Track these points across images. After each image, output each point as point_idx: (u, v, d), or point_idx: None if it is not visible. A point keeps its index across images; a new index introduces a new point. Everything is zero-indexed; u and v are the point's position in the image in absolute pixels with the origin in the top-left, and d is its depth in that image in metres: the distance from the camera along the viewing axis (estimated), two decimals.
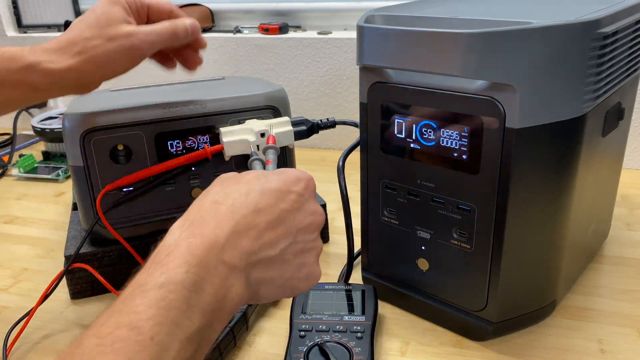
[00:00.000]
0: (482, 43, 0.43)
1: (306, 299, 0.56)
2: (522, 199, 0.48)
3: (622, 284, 0.64)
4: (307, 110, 1.11)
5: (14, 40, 1.27)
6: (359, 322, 0.53)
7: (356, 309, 0.55)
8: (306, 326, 0.52)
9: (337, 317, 0.54)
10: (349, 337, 0.51)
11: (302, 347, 0.50)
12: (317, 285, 0.52)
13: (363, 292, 0.57)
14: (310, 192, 0.42)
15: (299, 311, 0.55)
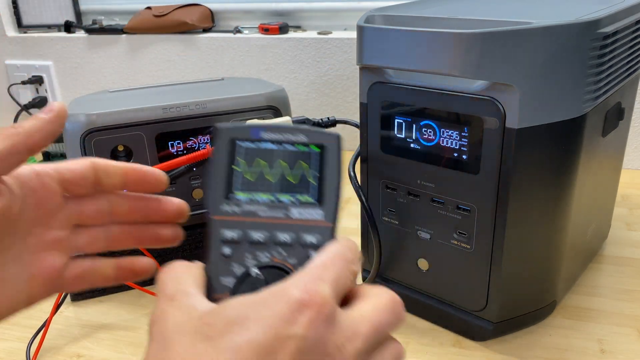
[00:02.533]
0: (482, 43, 0.43)
1: (231, 159, 0.34)
2: (522, 199, 0.48)
3: (622, 284, 0.64)
4: (307, 110, 1.11)
5: (14, 40, 1.27)
6: (313, 223, 0.33)
7: (309, 190, 0.34)
8: (234, 234, 0.33)
9: (280, 210, 0.33)
10: (297, 256, 0.32)
11: (228, 279, 0.32)
12: (249, 132, 0.34)
13: (322, 152, 0.35)
14: (325, 322, 0.25)
15: (220, 190, 0.34)
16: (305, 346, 0.25)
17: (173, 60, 1.17)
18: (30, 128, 0.32)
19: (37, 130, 0.32)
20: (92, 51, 1.22)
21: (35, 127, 0.32)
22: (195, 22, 1.13)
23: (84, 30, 1.22)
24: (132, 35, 1.18)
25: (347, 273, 0.29)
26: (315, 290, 0.26)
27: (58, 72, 1.27)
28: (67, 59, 1.24)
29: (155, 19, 1.15)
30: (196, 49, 1.14)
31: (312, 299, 0.25)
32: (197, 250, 0.68)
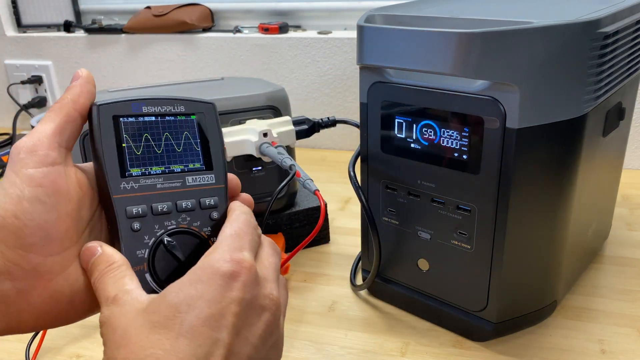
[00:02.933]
0: (482, 43, 0.43)
1: (118, 137, 0.34)
2: (523, 199, 0.48)
3: (622, 284, 0.64)
4: (307, 110, 1.11)
5: (14, 40, 1.27)
6: (208, 186, 0.36)
7: (197, 157, 0.36)
8: (138, 209, 0.34)
9: (176, 180, 0.35)
10: (201, 218, 0.35)
11: (142, 250, 0.34)
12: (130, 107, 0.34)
13: (200, 119, 0.37)
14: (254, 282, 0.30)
15: (116, 170, 0.34)
16: (244, 305, 0.29)
17: (173, 60, 1.16)
18: (73, 95, 0.33)
19: (79, 94, 0.33)
20: (92, 51, 1.22)
21: (77, 92, 0.33)
22: (195, 21, 1.13)
23: (83, 30, 1.22)
24: (131, 35, 1.18)
25: (256, 236, 0.33)
26: (240, 258, 0.30)
27: (57, 71, 1.27)
28: (67, 59, 1.24)
29: (154, 19, 1.14)
30: (196, 48, 1.14)
31: (241, 266, 0.30)
32: None
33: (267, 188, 0.69)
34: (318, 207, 0.73)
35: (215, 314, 0.28)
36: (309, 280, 0.68)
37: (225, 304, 0.29)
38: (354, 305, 0.63)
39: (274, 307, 0.31)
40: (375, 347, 0.56)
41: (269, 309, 0.31)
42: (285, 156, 0.58)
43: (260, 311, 0.30)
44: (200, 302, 0.28)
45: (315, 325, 0.60)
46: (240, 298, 0.29)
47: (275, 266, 0.33)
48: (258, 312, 0.30)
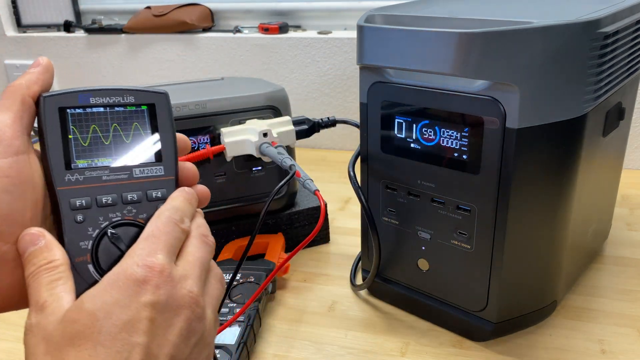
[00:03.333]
0: (482, 43, 0.43)
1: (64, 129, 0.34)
2: (523, 199, 0.48)
3: (622, 284, 0.64)
4: (307, 110, 1.11)
5: (14, 40, 1.27)
6: (156, 178, 0.35)
7: (148, 149, 0.35)
8: (82, 201, 0.33)
9: (122, 172, 0.35)
10: (147, 210, 0.35)
11: (85, 242, 0.33)
12: (77, 98, 0.34)
13: (151, 110, 0.35)
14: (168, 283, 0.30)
15: (60, 162, 0.33)
16: (159, 308, 0.30)
17: (173, 60, 1.16)
18: (28, 81, 0.33)
19: (35, 81, 0.33)
20: (92, 51, 1.22)
21: (33, 79, 0.33)
22: (195, 21, 1.13)
23: (83, 30, 1.22)
24: (131, 35, 1.18)
25: (177, 233, 0.33)
26: (151, 262, 0.30)
27: (58, 72, 1.26)
28: (67, 59, 1.24)
29: (154, 19, 1.14)
30: (196, 48, 1.14)
31: (152, 270, 0.30)
32: None
33: (267, 188, 0.69)
34: (318, 207, 0.73)
35: (130, 319, 0.29)
36: (309, 280, 0.68)
37: (140, 309, 0.29)
38: (354, 305, 0.63)
39: (193, 304, 0.31)
40: (375, 347, 0.56)
41: (187, 307, 0.31)
42: (285, 156, 0.58)
43: (178, 310, 0.31)
44: (116, 309, 0.29)
45: (315, 325, 0.60)
46: (154, 301, 0.29)
47: (202, 261, 0.33)
48: (176, 312, 0.30)
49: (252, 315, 0.56)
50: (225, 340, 0.53)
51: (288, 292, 0.66)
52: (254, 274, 0.62)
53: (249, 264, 0.64)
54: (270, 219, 0.71)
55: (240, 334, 0.53)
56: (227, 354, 0.51)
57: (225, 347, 0.52)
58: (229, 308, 0.57)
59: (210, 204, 0.66)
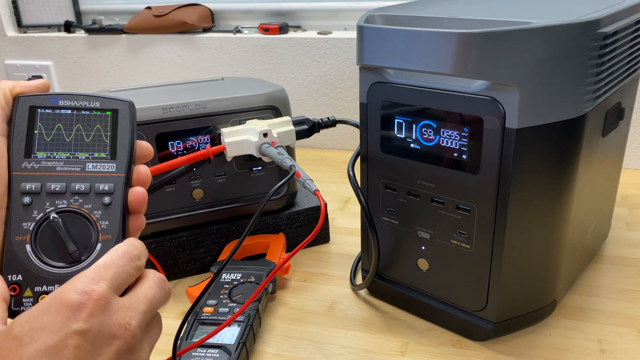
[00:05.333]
0: (482, 43, 0.43)
1: (31, 124, 0.38)
2: (522, 199, 0.48)
3: (622, 284, 0.64)
4: (307, 110, 1.11)
5: (14, 40, 1.27)
6: (107, 174, 0.38)
7: (104, 147, 0.39)
8: (32, 185, 0.37)
9: (76, 165, 0.38)
10: (93, 202, 0.37)
11: (28, 223, 0.36)
12: (48, 100, 0.38)
13: (114, 115, 0.40)
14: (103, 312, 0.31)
15: (21, 151, 0.37)
16: (90, 336, 0.30)
17: (173, 60, 1.17)
18: (19, 84, 0.38)
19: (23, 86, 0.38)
20: (92, 51, 1.22)
21: (22, 84, 0.38)
22: (195, 22, 1.13)
23: (84, 30, 1.22)
24: (132, 35, 1.18)
25: (129, 269, 0.34)
26: (91, 289, 0.31)
27: (58, 72, 1.27)
28: (67, 59, 1.24)
29: (155, 19, 1.15)
30: (196, 49, 1.14)
31: (89, 297, 0.30)
32: (197, 250, 0.68)
33: (267, 188, 0.69)
34: (318, 207, 0.73)
35: (56, 345, 0.29)
36: (309, 280, 0.68)
37: (68, 335, 0.29)
38: (354, 304, 0.63)
39: (128, 336, 0.31)
40: (375, 347, 0.56)
41: (121, 338, 0.31)
42: (285, 156, 0.58)
43: (111, 340, 0.31)
44: (43, 334, 0.29)
45: (315, 325, 0.60)
46: (85, 329, 0.30)
47: (152, 301, 0.34)
48: (107, 341, 0.31)
49: (251, 315, 0.56)
50: (225, 340, 0.53)
51: (288, 292, 0.66)
52: (254, 273, 0.62)
53: (250, 264, 0.64)
54: (271, 219, 0.71)
55: (240, 334, 0.53)
56: (227, 353, 0.51)
57: (224, 346, 0.52)
58: (228, 308, 0.57)
59: (211, 204, 0.67)
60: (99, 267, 0.32)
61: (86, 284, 0.31)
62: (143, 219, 0.39)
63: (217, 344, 0.52)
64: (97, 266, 0.32)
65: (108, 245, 0.36)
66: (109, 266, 0.33)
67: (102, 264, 0.33)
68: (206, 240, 0.68)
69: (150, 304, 0.34)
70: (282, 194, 0.70)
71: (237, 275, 0.62)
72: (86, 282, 0.31)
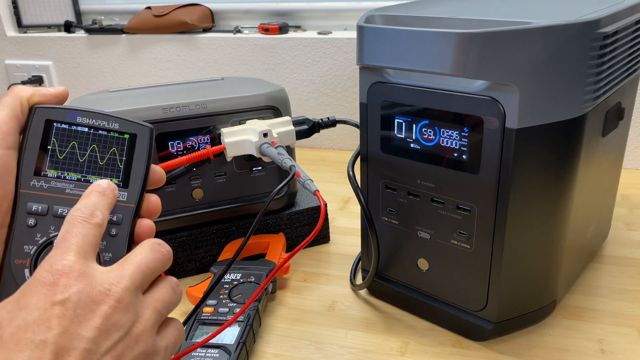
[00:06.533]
0: (482, 43, 0.43)
1: (45, 139, 0.36)
2: (522, 199, 0.48)
3: (622, 284, 0.64)
4: (307, 110, 1.11)
5: (14, 40, 1.27)
6: (117, 202, 0.36)
7: (117, 173, 0.37)
8: (39, 207, 0.35)
9: (86, 189, 0.36)
10: None
11: (29, 246, 0.35)
12: (66, 115, 0.36)
13: (132, 140, 0.37)
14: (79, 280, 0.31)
15: (31, 168, 0.35)
16: (70, 303, 0.30)
17: (173, 60, 1.17)
18: (37, 91, 0.36)
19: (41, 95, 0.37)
20: (92, 51, 1.22)
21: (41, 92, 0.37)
22: (195, 22, 1.13)
23: (84, 30, 1.23)
24: (132, 35, 1.18)
25: (87, 230, 0.33)
26: (60, 265, 0.31)
27: (58, 72, 1.27)
28: (67, 59, 1.24)
29: (155, 19, 1.15)
30: (196, 49, 1.14)
31: (60, 272, 0.30)
32: (197, 250, 0.68)
33: (267, 188, 0.69)
34: (318, 207, 0.73)
35: (37, 320, 0.29)
36: (309, 279, 0.68)
37: (48, 307, 0.30)
38: (354, 304, 0.63)
39: (112, 300, 0.31)
40: (375, 347, 0.56)
41: (104, 303, 0.31)
42: (286, 157, 0.58)
43: (93, 306, 0.31)
44: (22, 313, 0.29)
45: (315, 325, 0.60)
46: (64, 299, 0.30)
47: (139, 264, 0.33)
48: (91, 307, 0.31)
49: (251, 315, 0.56)
50: (225, 340, 0.53)
51: (288, 292, 0.66)
52: (254, 273, 0.62)
53: (250, 263, 0.64)
54: (271, 219, 0.71)
55: (240, 334, 0.53)
56: (227, 353, 0.51)
57: (224, 346, 0.52)
58: (228, 308, 0.57)
59: (211, 204, 0.67)
60: (59, 244, 0.32)
61: (52, 263, 0.31)
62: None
63: (217, 344, 0.52)
64: (58, 243, 0.32)
65: None
66: (67, 238, 0.32)
67: (60, 238, 0.32)
68: (206, 240, 0.68)
69: (138, 267, 0.33)
70: (282, 194, 0.70)
71: (237, 275, 0.62)
72: (53, 261, 0.31)
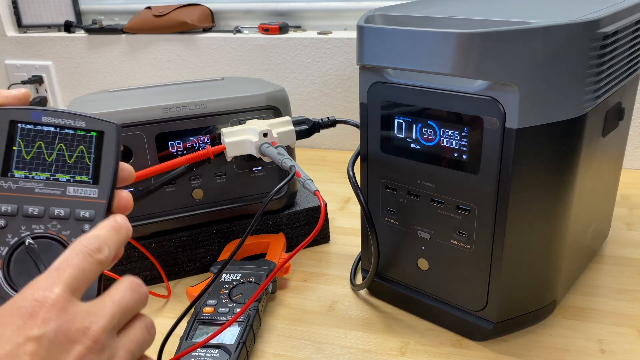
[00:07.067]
0: (482, 43, 0.43)
1: (10, 140, 0.36)
2: (522, 199, 0.48)
3: (622, 283, 0.64)
4: (307, 110, 1.11)
5: (14, 40, 1.27)
6: (88, 199, 0.36)
7: (86, 171, 0.37)
8: (8, 207, 0.35)
9: (57, 188, 0.36)
10: (72, 228, 0.36)
11: (1, 247, 0.35)
12: (30, 115, 0.36)
13: (100, 137, 0.37)
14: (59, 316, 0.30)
15: None
16: (44, 341, 0.28)
17: (173, 60, 1.17)
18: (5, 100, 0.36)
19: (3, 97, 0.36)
20: (92, 51, 1.22)
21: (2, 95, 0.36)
22: (195, 22, 1.13)
23: (84, 30, 1.22)
24: (132, 35, 1.18)
25: (87, 265, 0.32)
26: (44, 296, 0.29)
27: (58, 72, 1.27)
28: (67, 59, 1.24)
29: (155, 19, 1.15)
30: (196, 49, 1.14)
31: (41, 305, 0.29)
32: (197, 250, 0.68)
33: (267, 188, 0.69)
34: (318, 207, 0.73)
35: (8, 353, 0.28)
36: (309, 279, 0.68)
37: (21, 343, 0.28)
38: (354, 304, 0.63)
39: (89, 341, 0.30)
40: (375, 347, 0.56)
41: (81, 342, 0.30)
42: (286, 157, 0.58)
43: (69, 345, 0.29)
44: None
45: (315, 325, 0.60)
46: (39, 335, 0.29)
47: (119, 303, 0.32)
48: (65, 347, 0.29)
49: (251, 315, 0.56)
50: (225, 340, 0.53)
51: (288, 292, 0.66)
52: (254, 273, 0.62)
53: (250, 263, 0.64)
54: (271, 219, 0.71)
55: (240, 334, 0.53)
56: (227, 353, 0.51)
57: (224, 346, 0.52)
58: (228, 308, 0.57)
59: (211, 204, 0.67)
60: (52, 271, 0.31)
61: (38, 291, 0.30)
62: (121, 249, 0.37)
63: (217, 344, 0.52)
64: (51, 270, 0.31)
65: None
66: (63, 268, 0.31)
67: (56, 266, 0.31)
68: (206, 240, 0.68)
69: (118, 307, 0.32)
70: (282, 194, 0.70)
71: (237, 275, 0.62)
72: (39, 289, 0.30)
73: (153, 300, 0.65)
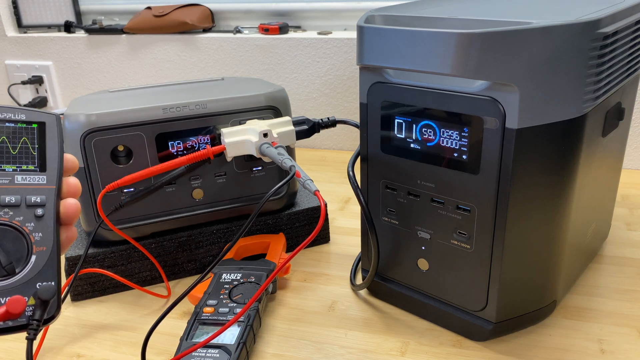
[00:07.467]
0: (482, 43, 0.43)
1: None
2: (522, 199, 0.49)
3: (622, 284, 0.64)
4: (307, 110, 1.11)
5: (14, 40, 1.27)
6: (37, 186, 0.38)
7: (32, 160, 0.39)
8: None
9: (4, 177, 0.38)
10: (24, 214, 0.37)
11: None
12: None
13: (41, 128, 0.39)
14: None
15: None
16: None
17: (173, 60, 1.17)
18: None
19: None
20: (92, 51, 1.22)
21: None
22: (195, 22, 1.13)
23: (84, 30, 1.23)
24: (132, 35, 1.18)
25: None
26: None
27: (58, 72, 1.27)
28: (67, 59, 1.25)
29: (155, 19, 1.15)
30: (196, 49, 1.14)
31: None
32: (197, 250, 0.68)
33: (267, 188, 0.69)
34: (318, 207, 0.73)
35: None
36: (309, 280, 0.68)
37: None
38: (354, 304, 0.63)
39: None
40: (375, 347, 0.56)
41: None
42: (286, 157, 0.58)
43: None
44: None
45: (315, 325, 0.60)
46: None
47: None
48: None
49: (251, 315, 0.56)
50: (225, 340, 0.53)
51: (288, 292, 0.66)
52: (254, 274, 0.62)
53: (250, 264, 0.64)
54: (270, 219, 0.71)
55: (240, 334, 0.53)
56: (227, 353, 0.51)
57: (224, 346, 0.52)
58: (229, 308, 0.57)
59: (211, 204, 0.67)
60: None
61: None
62: (74, 231, 0.38)
63: (217, 344, 0.52)
64: None
65: (43, 257, 0.36)
66: None
67: None
68: (206, 240, 0.69)
69: None
70: (282, 194, 0.70)
71: (237, 276, 0.62)
72: None
73: (153, 301, 0.65)
